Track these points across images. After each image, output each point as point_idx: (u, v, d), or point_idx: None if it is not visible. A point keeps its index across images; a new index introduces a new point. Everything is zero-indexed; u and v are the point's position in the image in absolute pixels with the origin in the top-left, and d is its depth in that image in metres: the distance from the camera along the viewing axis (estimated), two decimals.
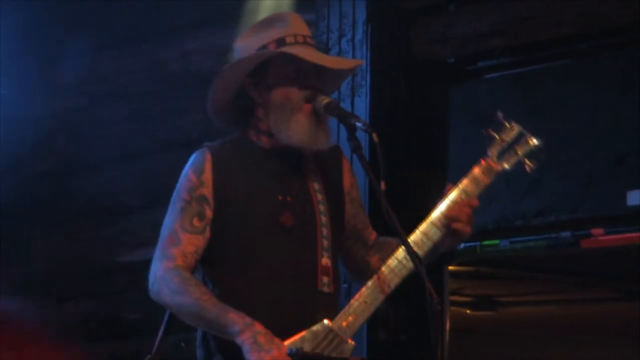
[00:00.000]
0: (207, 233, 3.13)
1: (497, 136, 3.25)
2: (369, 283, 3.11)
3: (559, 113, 4.64)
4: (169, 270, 3.06)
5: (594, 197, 4.50)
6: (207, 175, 3.16)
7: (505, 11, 4.84)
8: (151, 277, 3.10)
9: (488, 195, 3.32)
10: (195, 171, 3.16)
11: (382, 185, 2.98)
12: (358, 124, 3.07)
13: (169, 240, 3.11)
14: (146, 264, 3.15)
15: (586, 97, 4.63)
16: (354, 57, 4.76)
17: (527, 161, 3.25)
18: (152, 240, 3.23)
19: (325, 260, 3.16)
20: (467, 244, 4.73)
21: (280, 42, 3.18)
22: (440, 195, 3.22)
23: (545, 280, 5.40)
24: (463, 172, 3.24)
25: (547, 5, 4.76)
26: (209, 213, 3.13)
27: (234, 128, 3.30)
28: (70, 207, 5.73)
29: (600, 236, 4.47)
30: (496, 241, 4.71)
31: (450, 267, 4.72)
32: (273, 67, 3.19)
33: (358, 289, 3.15)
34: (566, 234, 4.54)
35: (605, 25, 4.65)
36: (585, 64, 4.70)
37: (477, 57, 4.97)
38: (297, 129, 3.14)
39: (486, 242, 4.69)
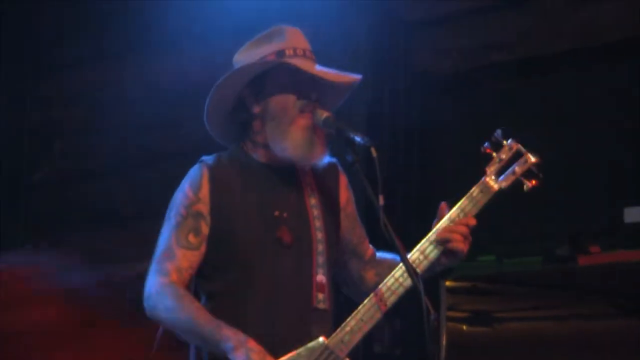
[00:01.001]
0: (203, 249, 3.11)
1: (495, 154, 3.21)
2: (367, 301, 3.09)
3: (558, 127, 4.63)
4: (164, 286, 3.05)
5: (591, 214, 4.48)
6: (204, 192, 3.14)
7: (505, 24, 4.84)
8: (146, 292, 3.08)
9: (485, 210, 3.30)
10: (192, 187, 3.15)
11: (381, 200, 2.96)
12: (357, 138, 3.05)
13: (164, 254, 3.10)
14: (141, 274, 3.13)
15: (585, 111, 4.61)
16: (355, 68, 4.74)
17: (525, 180, 3.21)
18: (146, 250, 3.21)
19: (320, 277, 3.14)
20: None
21: (280, 54, 3.18)
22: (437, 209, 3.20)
23: (542, 296, 5.39)
24: (462, 183, 3.22)
25: (546, 19, 4.76)
26: (204, 229, 3.12)
27: (229, 143, 3.28)
28: (66, 217, 5.71)
29: (597, 253, 4.45)
30: (492, 257, 4.69)
31: (447, 283, 4.70)
32: (271, 78, 3.18)
33: (352, 304, 3.13)
34: (563, 250, 4.52)
35: (604, 39, 4.64)
36: (584, 78, 4.69)
37: (477, 69, 4.96)
38: (292, 142, 3.13)
39: (483, 258, 4.67)
